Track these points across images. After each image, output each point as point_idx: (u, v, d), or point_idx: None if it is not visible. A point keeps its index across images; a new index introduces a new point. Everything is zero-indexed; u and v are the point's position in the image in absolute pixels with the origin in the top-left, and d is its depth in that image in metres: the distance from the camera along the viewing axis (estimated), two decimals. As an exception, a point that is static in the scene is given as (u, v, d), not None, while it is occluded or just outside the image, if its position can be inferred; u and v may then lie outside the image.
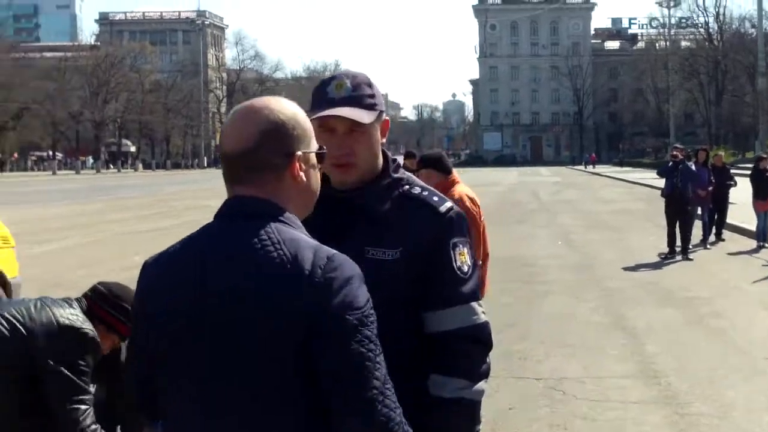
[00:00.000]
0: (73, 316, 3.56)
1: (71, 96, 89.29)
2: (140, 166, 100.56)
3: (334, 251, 1.76)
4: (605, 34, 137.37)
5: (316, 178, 1.92)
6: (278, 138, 1.81)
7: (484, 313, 2.28)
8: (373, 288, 1.82)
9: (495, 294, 8.68)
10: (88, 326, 3.56)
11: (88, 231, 21.64)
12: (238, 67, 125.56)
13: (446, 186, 5.79)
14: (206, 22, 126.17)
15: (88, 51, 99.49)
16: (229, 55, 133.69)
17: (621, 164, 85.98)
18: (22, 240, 16.51)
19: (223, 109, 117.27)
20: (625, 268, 14.08)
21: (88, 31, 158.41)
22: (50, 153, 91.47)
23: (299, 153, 1.83)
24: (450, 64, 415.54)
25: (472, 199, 5.92)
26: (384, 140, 2.34)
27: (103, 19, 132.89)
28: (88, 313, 3.70)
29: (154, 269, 1.86)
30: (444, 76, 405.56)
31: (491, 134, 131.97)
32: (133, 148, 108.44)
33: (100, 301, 3.79)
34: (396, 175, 2.33)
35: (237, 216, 1.80)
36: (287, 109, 1.85)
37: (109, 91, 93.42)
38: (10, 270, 7.55)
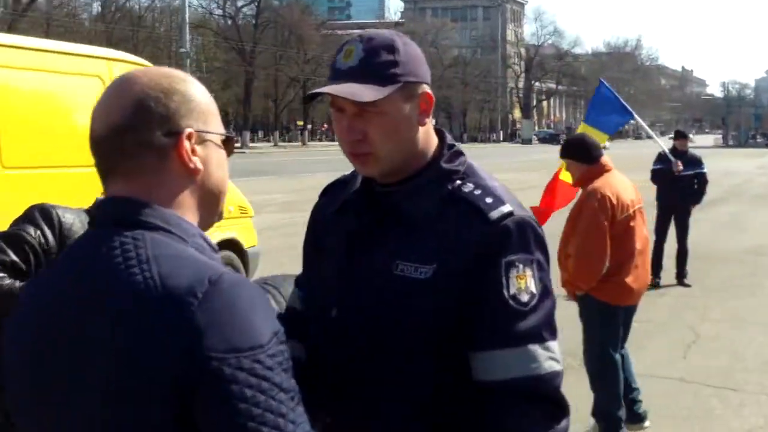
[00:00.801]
0: None
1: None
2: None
3: (224, 271, 1.29)
4: None
5: (223, 170, 1.47)
6: (158, 111, 1.38)
7: (554, 359, 1.69)
8: (398, 315, 1.66)
9: None
10: None
11: None
12: (536, 43, 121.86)
13: (588, 177, 5.27)
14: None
15: (393, 28, 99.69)
16: (528, 30, 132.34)
17: None
18: (291, 208, 17.67)
19: (520, 84, 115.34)
20: None
21: (394, 9, 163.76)
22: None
23: (190, 130, 1.40)
24: (764, 39, 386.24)
25: (604, 197, 5.10)
26: (429, 119, 1.80)
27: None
28: None
29: (30, 289, 1.46)
30: (757, 51, 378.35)
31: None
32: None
33: None
34: (447, 166, 1.80)
35: (105, 223, 1.38)
36: (173, 76, 1.44)
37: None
38: (248, 240, 7.60)
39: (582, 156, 5.38)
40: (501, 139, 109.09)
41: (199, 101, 1.46)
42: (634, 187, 5.46)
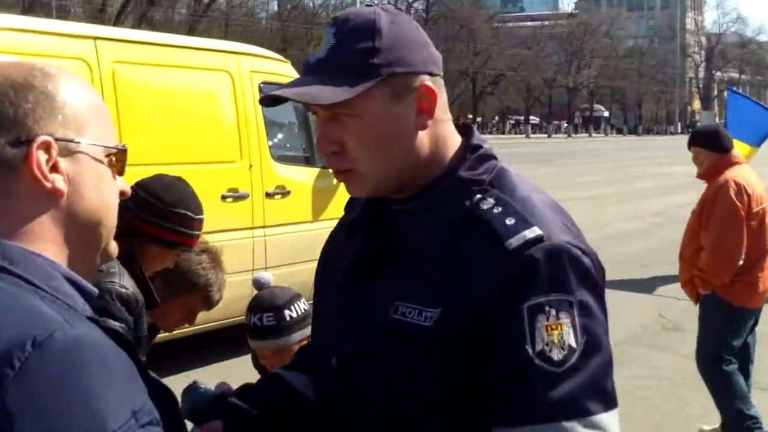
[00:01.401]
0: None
1: (545, 63, 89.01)
2: (611, 131, 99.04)
3: (62, 329, 0.96)
4: None
5: (105, 192, 1.17)
6: (3, 112, 1.09)
7: None
8: (396, 370, 1.33)
9: None
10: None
11: None
12: (717, 31, 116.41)
13: (718, 168, 5.00)
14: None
15: (566, 19, 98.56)
16: (709, 18, 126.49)
17: None
18: None
19: (700, 74, 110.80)
20: None
21: (567, 0, 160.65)
22: (525, 117, 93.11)
23: (45, 138, 1.10)
24: None
25: (740, 185, 4.89)
26: (437, 119, 1.41)
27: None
28: (128, 232, 2.40)
29: None
30: None
31: None
32: (605, 113, 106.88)
33: (144, 213, 2.62)
34: (467, 175, 1.41)
35: None
36: (34, 69, 1.14)
37: (583, 57, 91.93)
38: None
39: (714, 145, 5.09)
40: (678, 131, 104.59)
41: (68, 102, 1.15)
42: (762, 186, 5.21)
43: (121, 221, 2.57)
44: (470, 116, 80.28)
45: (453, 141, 1.47)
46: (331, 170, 1.52)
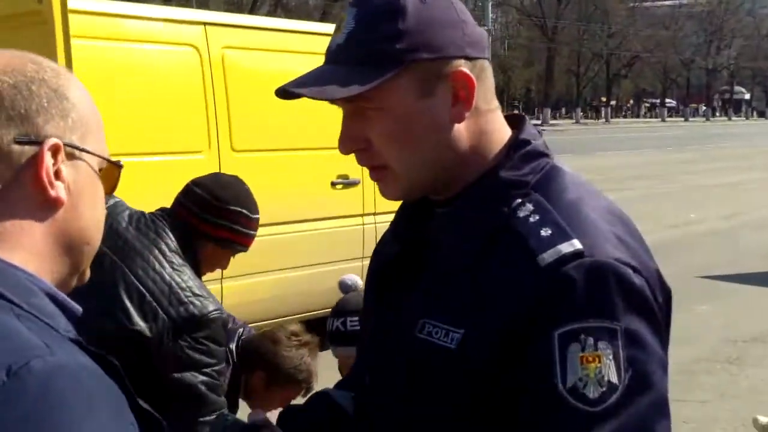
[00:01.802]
0: None
1: (683, 43, 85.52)
2: (753, 114, 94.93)
3: (41, 355, 0.86)
4: None
5: (96, 211, 1.08)
6: (13, 103, 0.99)
7: None
8: (422, 394, 1.20)
9: None
10: None
11: (656, 182, 20.26)
12: None
13: None
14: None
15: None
16: None
17: None
18: None
19: None
20: None
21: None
22: (661, 100, 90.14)
23: (56, 141, 1.00)
24: None
25: None
26: (478, 110, 1.24)
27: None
28: (185, 230, 2.56)
29: None
30: None
31: None
32: (746, 96, 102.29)
33: (201, 211, 2.58)
34: (508, 175, 1.24)
35: None
36: (45, 64, 1.05)
37: (723, 37, 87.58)
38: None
39: None
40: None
41: (76, 105, 1.05)
42: None
43: (179, 219, 2.57)
44: (603, 99, 78.44)
45: (500, 135, 1.30)
46: None
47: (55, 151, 1.01)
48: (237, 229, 2.61)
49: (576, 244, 1.16)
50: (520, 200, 1.23)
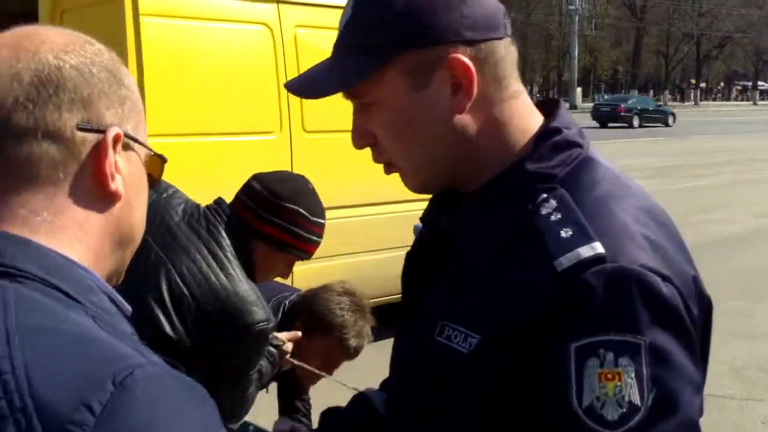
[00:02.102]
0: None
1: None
2: None
3: (141, 363, 0.81)
4: None
5: (143, 206, 1.01)
6: (75, 86, 0.91)
7: None
8: (438, 401, 1.15)
9: None
10: None
11: (746, 168, 19.57)
12: None
13: None
14: None
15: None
16: None
17: None
18: (661, 174, 17.07)
19: None
20: None
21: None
22: (753, 83, 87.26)
23: (118, 131, 0.94)
24: None
25: None
26: (467, 101, 1.14)
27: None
28: (239, 227, 2.36)
29: None
30: None
31: None
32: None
33: (255, 206, 2.39)
34: (534, 168, 1.14)
35: None
36: (99, 46, 0.97)
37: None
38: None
39: None
40: None
41: (132, 91, 0.99)
42: None
43: (235, 215, 2.36)
44: (693, 81, 76.36)
45: (524, 123, 1.19)
46: None
47: (115, 140, 0.94)
48: (292, 230, 2.39)
49: (597, 248, 1.05)
50: (545, 195, 1.13)
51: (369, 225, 6.07)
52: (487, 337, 1.10)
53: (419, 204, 5.79)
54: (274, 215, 2.38)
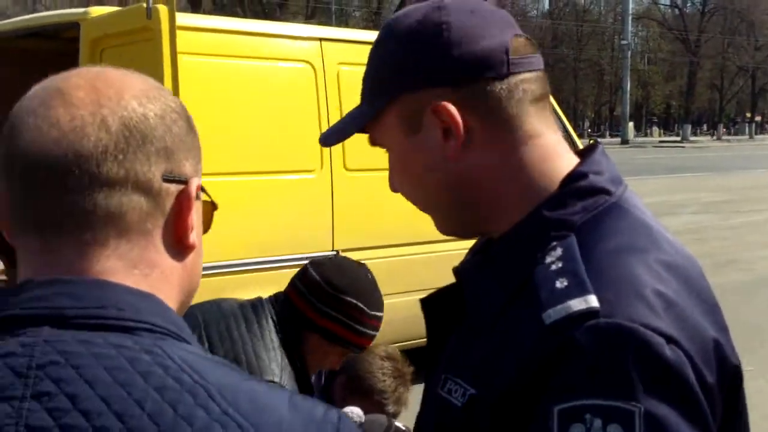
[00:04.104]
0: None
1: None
2: None
3: (338, 416, 0.86)
4: None
5: (202, 250, 0.98)
6: (158, 135, 0.89)
7: None
8: None
9: None
10: None
11: None
12: None
13: None
14: None
15: None
16: None
17: None
18: (711, 209, 16.83)
19: None
20: None
21: None
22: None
23: (198, 182, 0.93)
24: None
25: None
26: (460, 144, 1.12)
27: None
28: (292, 314, 2.23)
29: None
30: None
31: None
32: None
33: (310, 295, 2.24)
34: (551, 215, 1.07)
35: (70, 324, 0.81)
36: (165, 90, 0.94)
37: None
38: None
39: None
40: None
41: (197, 137, 0.97)
42: None
43: (288, 301, 2.25)
44: (748, 115, 75.02)
45: (550, 166, 1.11)
46: None
47: (196, 192, 0.92)
48: (349, 324, 2.24)
49: (591, 301, 0.96)
50: (554, 243, 1.05)
51: (409, 264, 5.90)
52: (479, 393, 1.04)
53: (460, 243, 5.59)
54: (332, 308, 2.23)
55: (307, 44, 5.47)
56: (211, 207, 1.00)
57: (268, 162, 5.19)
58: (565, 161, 1.13)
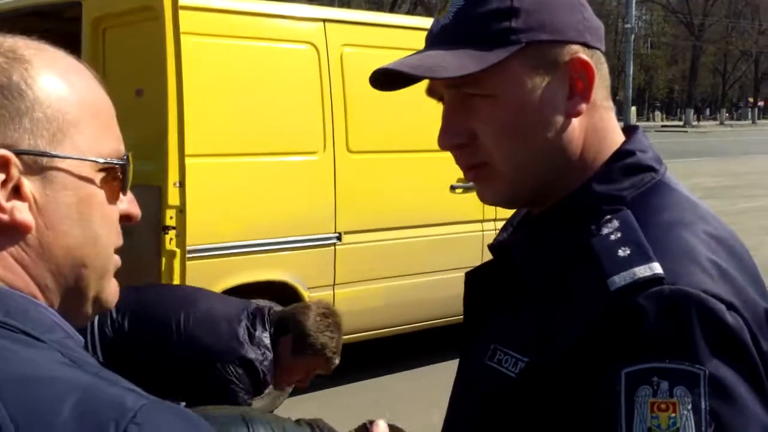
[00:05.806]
0: None
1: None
2: None
3: (132, 410, 0.78)
4: None
5: (90, 219, 0.90)
6: None
7: None
8: (481, 425, 1.12)
9: None
10: None
11: None
12: None
13: None
14: None
15: None
16: None
17: None
18: (714, 195, 17.00)
19: None
20: None
21: None
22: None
23: (5, 153, 0.84)
24: None
25: None
26: (591, 105, 1.12)
27: None
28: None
29: None
30: None
31: None
32: None
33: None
34: (602, 189, 1.11)
35: None
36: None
37: None
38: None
39: None
40: None
41: (41, 99, 0.86)
42: None
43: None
44: (751, 100, 74.83)
45: (614, 137, 1.15)
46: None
47: (2, 164, 0.83)
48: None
49: (655, 268, 0.98)
50: (609, 216, 1.07)
51: (411, 248, 5.89)
52: (536, 361, 1.05)
53: (462, 227, 5.59)
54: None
55: (310, 25, 5.43)
56: (123, 168, 0.92)
57: (271, 143, 5.17)
58: (619, 134, 1.17)
